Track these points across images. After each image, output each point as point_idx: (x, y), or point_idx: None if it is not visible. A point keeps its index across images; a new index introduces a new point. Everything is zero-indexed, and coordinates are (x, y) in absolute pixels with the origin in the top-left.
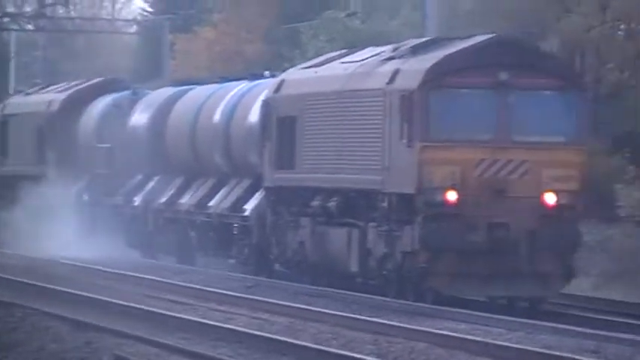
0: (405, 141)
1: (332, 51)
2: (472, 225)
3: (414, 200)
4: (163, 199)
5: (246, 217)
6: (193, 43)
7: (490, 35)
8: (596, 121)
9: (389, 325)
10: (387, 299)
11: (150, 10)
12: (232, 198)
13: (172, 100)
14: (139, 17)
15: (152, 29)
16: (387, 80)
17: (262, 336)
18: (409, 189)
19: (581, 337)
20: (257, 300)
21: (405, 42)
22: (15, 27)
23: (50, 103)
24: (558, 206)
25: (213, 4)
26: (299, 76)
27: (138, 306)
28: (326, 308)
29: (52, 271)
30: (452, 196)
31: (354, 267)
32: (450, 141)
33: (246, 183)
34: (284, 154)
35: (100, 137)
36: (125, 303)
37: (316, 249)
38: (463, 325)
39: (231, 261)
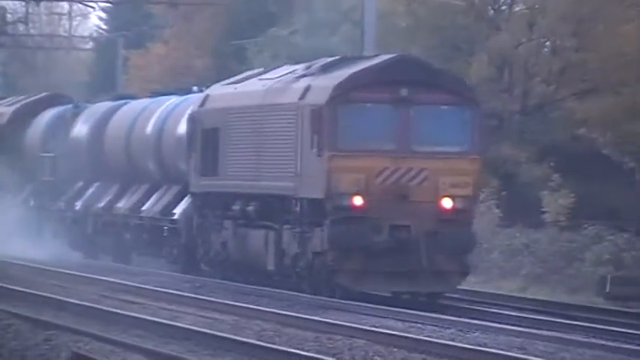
0: (315, 151)
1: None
2: (376, 227)
3: (324, 205)
4: (102, 204)
5: (175, 220)
6: (145, 58)
7: (392, 55)
8: (524, 132)
9: (330, 323)
10: (328, 299)
11: (105, 27)
12: (163, 203)
13: (110, 113)
14: (94, 34)
15: (107, 45)
16: (299, 96)
17: (209, 333)
18: (319, 194)
19: (509, 335)
20: (204, 299)
21: (316, 61)
22: None
23: (0, 115)
24: (454, 210)
25: (164, 20)
26: (221, 92)
27: (94, 305)
28: (269, 307)
29: (9, 272)
30: (358, 200)
31: (270, 265)
32: (356, 151)
33: (175, 189)
34: (208, 163)
35: (44, 147)
36: (81, 302)
37: (237, 249)
38: (400, 324)
39: (162, 260)
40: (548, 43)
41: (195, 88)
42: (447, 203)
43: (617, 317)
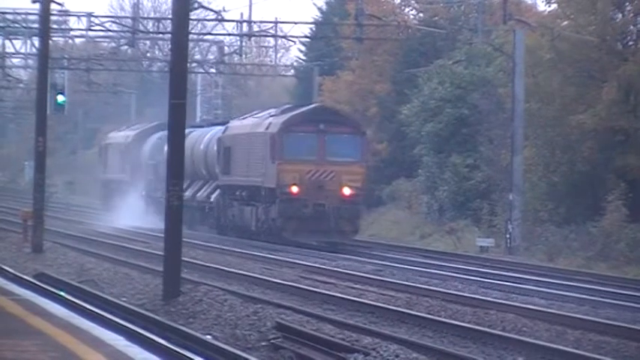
0: (271, 160)
1: (443, 91)
2: (305, 204)
3: (275, 191)
4: None
5: (212, 202)
6: (336, 83)
7: (316, 105)
8: None
9: (485, 300)
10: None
11: (303, 58)
12: (206, 192)
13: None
14: (295, 63)
15: (305, 73)
16: (265, 127)
17: (388, 308)
18: (273, 185)
19: (635, 311)
20: (383, 280)
21: (279, 107)
22: (200, 71)
23: (127, 136)
24: (350, 195)
25: (352, 52)
26: (234, 124)
27: (293, 284)
28: (436, 287)
29: (227, 259)
30: (294, 189)
31: (253, 227)
32: (294, 160)
33: (213, 183)
34: (226, 167)
35: (151, 157)
36: (284, 282)
37: (239, 218)
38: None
39: (207, 227)
40: None
41: (231, 121)
42: (346, 191)
43: None
